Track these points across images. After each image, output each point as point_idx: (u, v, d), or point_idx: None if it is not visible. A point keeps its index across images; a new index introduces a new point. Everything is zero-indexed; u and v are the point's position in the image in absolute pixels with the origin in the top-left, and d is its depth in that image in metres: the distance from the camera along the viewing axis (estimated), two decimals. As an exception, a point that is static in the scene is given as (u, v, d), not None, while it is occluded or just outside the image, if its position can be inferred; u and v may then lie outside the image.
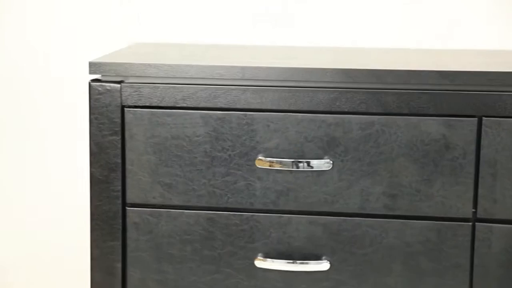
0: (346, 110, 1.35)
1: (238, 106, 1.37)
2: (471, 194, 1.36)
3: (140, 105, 1.39)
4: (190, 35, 1.81)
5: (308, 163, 1.36)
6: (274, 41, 1.78)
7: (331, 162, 1.37)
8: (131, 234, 1.42)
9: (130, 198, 1.42)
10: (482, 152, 1.35)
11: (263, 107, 1.37)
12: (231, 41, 1.79)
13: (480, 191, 1.35)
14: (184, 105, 1.38)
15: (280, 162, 1.37)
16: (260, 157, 1.38)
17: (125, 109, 1.40)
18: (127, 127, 1.40)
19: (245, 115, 1.38)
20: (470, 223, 1.36)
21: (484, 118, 1.34)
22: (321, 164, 1.36)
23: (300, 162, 1.36)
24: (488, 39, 1.74)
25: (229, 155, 1.39)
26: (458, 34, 1.75)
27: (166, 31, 1.81)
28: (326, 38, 1.78)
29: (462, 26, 1.75)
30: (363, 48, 1.72)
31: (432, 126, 1.35)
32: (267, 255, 1.40)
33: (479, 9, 1.74)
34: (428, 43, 1.76)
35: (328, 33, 1.77)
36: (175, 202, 1.41)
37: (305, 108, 1.36)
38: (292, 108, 1.37)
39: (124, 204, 1.42)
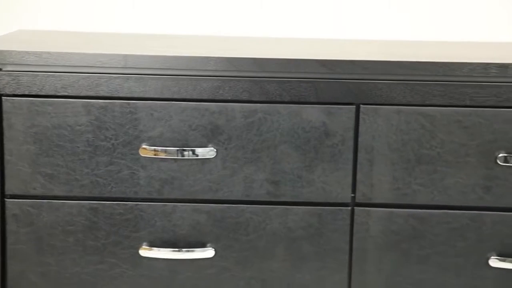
0: (229, 98, 1.37)
1: (121, 95, 1.36)
2: (350, 179, 1.40)
3: (19, 93, 1.36)
4: (77, 23, 1.77)
5: (193, 151, 1.37)
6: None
7: (215, 150, 1.38)
8: (10, 226, 1.39)
9: (9, 189, 1.38)
10: (360, 138, 1.39)
11: (146, 95, 1.36)
12: (134, 29, 1.78)
13: (358, 176, 1.40)
14: (65, 93, 1.36)
15: (165, 151, 1.37)
16: (144, 146, 1.37)
17: (3, 98, 1.36)
18: (5, 116, 1.36)
19: (128, 103, 1.37)
20: (349, 208, 1.41)
21: (361, 105, 1.38)
22: (206, 152, 1.37)
23: (185, 150, 1.37)
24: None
25: (112, 144, 1.37)
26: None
27: (53, 19, 1.77)
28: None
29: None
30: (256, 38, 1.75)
31: (313, 113, 1.38)
32: (152, 244, 1.40)
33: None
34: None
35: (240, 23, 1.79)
36: (57, 192, 1.38)
37: (188, 97, 1.37)
38: (175, 96, 1.36)
39: (3, 195, 1.38)
